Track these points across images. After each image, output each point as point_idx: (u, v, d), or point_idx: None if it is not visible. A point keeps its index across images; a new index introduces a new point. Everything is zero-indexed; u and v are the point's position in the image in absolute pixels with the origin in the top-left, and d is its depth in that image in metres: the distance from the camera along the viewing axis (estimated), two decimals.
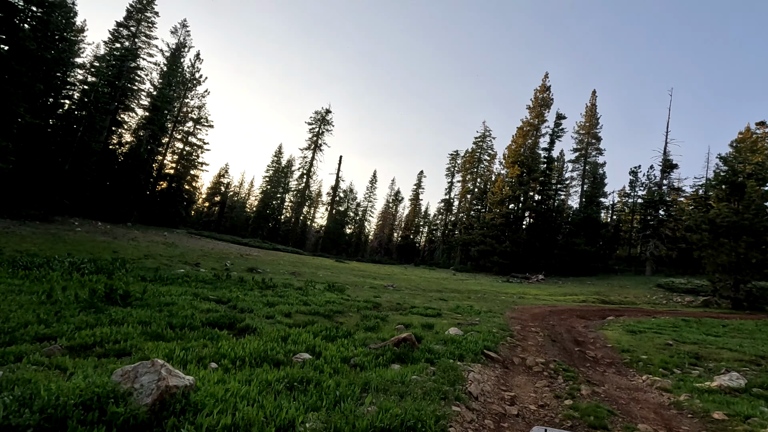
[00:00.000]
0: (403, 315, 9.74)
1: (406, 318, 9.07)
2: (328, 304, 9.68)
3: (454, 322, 8.97)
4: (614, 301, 30.30)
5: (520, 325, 9.96)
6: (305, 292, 11.20)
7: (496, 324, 9.39)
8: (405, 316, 9.66)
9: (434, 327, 7.83)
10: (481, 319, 9.81)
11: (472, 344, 5.95)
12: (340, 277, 26.01)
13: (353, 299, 11.32)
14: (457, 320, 9.50)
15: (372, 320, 7.78)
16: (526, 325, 10.10)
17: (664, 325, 15.68)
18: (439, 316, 10.16)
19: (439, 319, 9.49)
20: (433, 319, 9.30)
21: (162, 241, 30.49)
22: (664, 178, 46.43)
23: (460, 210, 73.63)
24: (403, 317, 9.25)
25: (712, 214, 26.60)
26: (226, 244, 42.20)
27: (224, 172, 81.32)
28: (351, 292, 14.74)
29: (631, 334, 10.69)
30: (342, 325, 7.34)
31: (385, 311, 10.02)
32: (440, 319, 9.51)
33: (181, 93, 47.74)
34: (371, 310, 9.55)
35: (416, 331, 6.65)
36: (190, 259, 23.64)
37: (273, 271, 24.67)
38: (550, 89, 58.29)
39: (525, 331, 9.24)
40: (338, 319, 7.89)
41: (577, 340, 9.04)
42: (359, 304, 10.27)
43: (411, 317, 9.22)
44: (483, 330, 7.87)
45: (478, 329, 8.00)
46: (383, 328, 7.35)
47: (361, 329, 6.94)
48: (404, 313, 10.01)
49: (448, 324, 8.64)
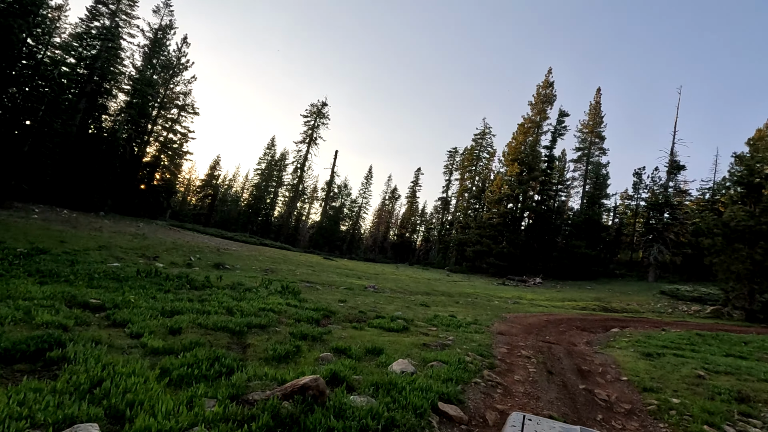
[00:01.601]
0: (357, 329, 7.53)
1: (355, 334, 6.86)
2: (261, 312, 7.49)
3: (417, 343, 6.76)
4: (616, 309, 28.12)
5: (508, 346, 7.74)
6: (241, 296, 8.98)
7: (475, 345, 7.17)
8: (359, 330, 7.45)
9: (383, 353, 5.61)
10: (457, 337, 7.59)
11: (419, 394, 3.77)
12: (320, 276, 23.85)
13: (304, 306, 9.11)
14: (425, 339, 7.29)
15: (294, 342, 5.57)
16: (515, 345, 7.88)
17: (678, 341, 13.51)
18: (405, 331, 7.94)
19: (401, 337, 7.27)
20: (392, 337, 7.09)
21: (131, 233, 28.26)
22: (670, 180, 44.20)
23: (457, 209, 71.40)
24: (353, 332, 7.05)
25: (727, 217, 24.39)
26: (208, 238, 39.99)
27: (216, 164, 79.17)
28: (313, 294, 12.53)
29: (647, 359, 8.48)
30: (247, 349, 5.13)
31: (333, 324, 7.82)
32: (403, 337, 7.29)
33: (166, 78, 45.42)
34: (312, 324, 7.33)
35: (343, 367, 4.44)
36: (152, 252, 21.44)
37: (244, 267, 22.48)
38: (553, 85, 56.06)
39: (513, 355, 7.03)
40: (251, 339, 5.69)
41: (581, 370, 6.82)
42: (305, 314, 8.07)
43: (362, 333, 7.00)
44: (452, 359, 5.66)
45: (446, 356, 5.79)
46: (304, 356, 5.15)
47: (265, 359, 4.74)
48: (360, 326, 7.79)
49: (408, 346, 6.44)
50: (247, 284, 11.75)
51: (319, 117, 73.46)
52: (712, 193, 47.33)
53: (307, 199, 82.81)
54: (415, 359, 5.60)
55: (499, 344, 7.72)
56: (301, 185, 73.90)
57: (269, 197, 72.67)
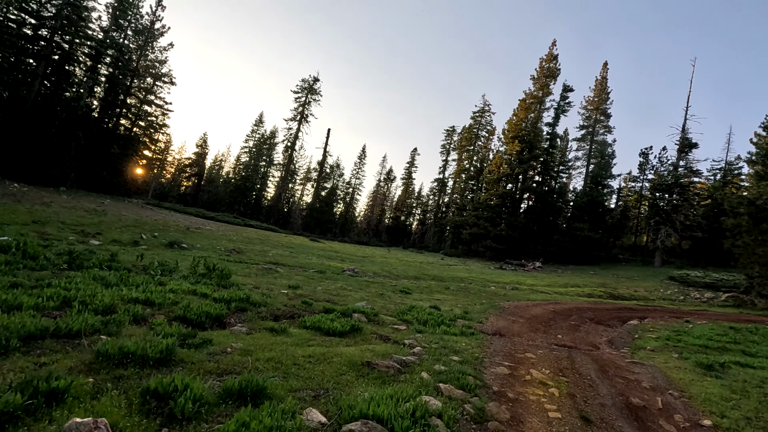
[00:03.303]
0: (273, 333, 4.79)
1: (259, 343, 4.16)
2: (122, 305, 4.75)
3: (356, 360, 4.01)
4: (625, 296, 25.65)
5: (509, 360, 5.01)
6: (124, 280, 6.19)
7: (456, 363, 4.45)
8: (275, 335, 4.71)
9: (263, 395, 2.88)
10: (431, 346, 4.85)
11: None
12: (296, 259, 21.18)
13: (216, 295, 6.33)
14: (378, 349, 4.54)
15: (74, 380, 2.80)
16: (520, 358, 5.15)
17: (715, 338, 10.94)
18: (352, 335, 5.20)
19: (338, 347, 4.54)
20: (321, 348, 4.35)
21: (89, 209, 25.37)
22: (681, 159, 41.27)
23: (454, 191, 68.46)
24: (260, 340, 4.34)
25: (753, 194, 21.63)
26: (184, 217, 37.13)
27: (203, 142, 75.56)
28: (261, 279, 9.80)
29: (708, 373, 5.82)
30: None
31: (240, 324, 5.09)
32: (342, 347, 4.55)
33: (140, 44, 41.75)
34: (193, 327, 4.58)
35: None
36: (99, 229, 18.62)
37: (205, 247, 19.71)
38: (557, 58, 52.45)
39: (518, 380, 4.30)
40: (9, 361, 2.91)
41: (632, 406, 4.10)
42: (203, 307, 5.31)
43: (274, 342, 4.27)
44: (401, 409, 2.91)
45: (395, 396, 3.05)
46: None
47: None
48: (283, 327, 5.05)
49: (334, 370, 3.70)
50: (171, 265, 8.97)
51: (310, 93, 69.78)
52: (723, 174, 44.55)
53: (300, 180, 79.65)
54: (326, 407, 2.88)
55: (495, 356, 5.00)
56: (291, 165, 70.71)
57: (258, 177, 69.41)
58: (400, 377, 3.67)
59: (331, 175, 78.78)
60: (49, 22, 33.21)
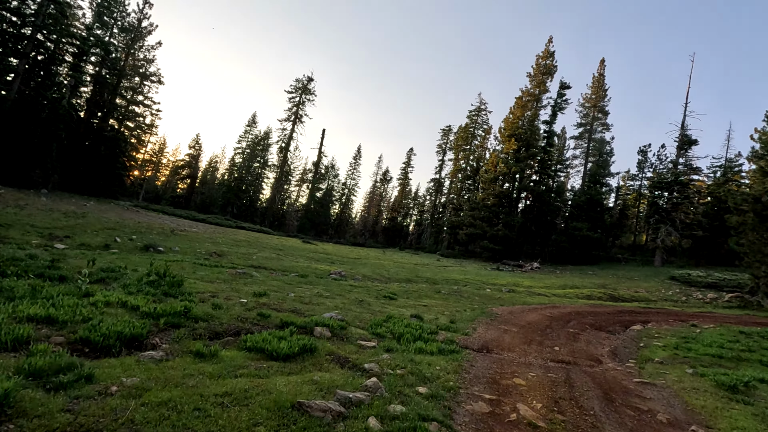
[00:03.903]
0: (198, 358, 3.84)
1: (165, 375, 3.18)
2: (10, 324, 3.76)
3: (284, 401, 3.04)
4: (625, 297, 24.74)
5: (493, 388, 4.05)
6: (33, 293, 5.23)
7: (422, 398, 3.50)
8: (198, 362, 3.76)
9: None
10: (395, 373, 3.90)
11: None
12: (282, 262, 20.29)
13: (144, 309, 5.34)
14: (325, 381, 3.59)
15: None
16: (506, 386, 4.20)
17: (727, 345, 10.03)
18: (302, 358, 4.24)
19: (275, 377, 3.59)
20: (248, 383, 3.38)
21: (68, 211, 24.36)
22: (680, 156, 40.43)
23: (450, 191, 67.52)
24: (170, 371, 3.38)
25: (757, 190, 20.76)
26: (171, 219, 36.11)
27: (195, 143, 74.45)
28: (229, 285, 8.85)
29: (732, 396, 4.90)
30: None
31: (166, 345, 4.14)
32: (279, 377, 3.60)
33: (127, 42, 40.75)
34: (83, 356, 3.62)
35: None
36: (68, 232, 17.65)
37: (186, 250, 18.74)
38: (553, 55, 51.63)
39: (499, 420, 3.34)
40: None
41: None
42: (116, 326, 4.34)
43: (187, 374, 3.32)
44: None
45: None
46: None
47: None
48: (213, 350, 4.08)
49: (245, 421, 2.76)
50: (121, 272, 8.00)
51: (304, 93, 68.79)
52: (723, 171, 43.73)
53: (296, 182, 78.52)
54: None
55: (475, 384, 4.04)
56: (286, 166, 69.67)
57: (252, 179, 68.32)
58: (337, 427, 2.71)
59: (327, 176, 77.82)
60: (30, 19, 32.22)
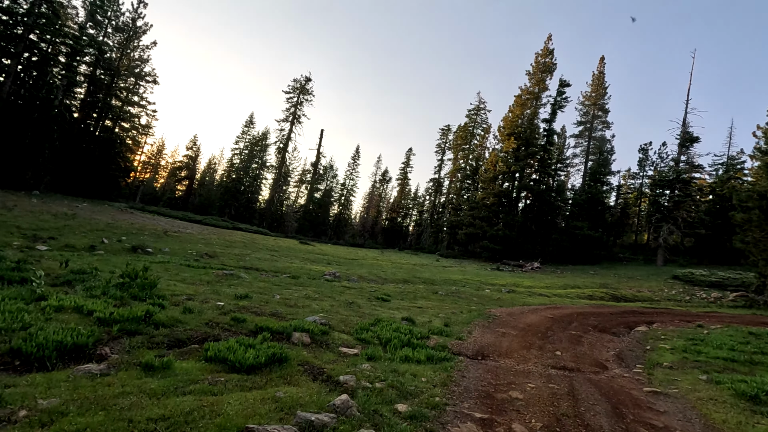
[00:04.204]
0: (144, 372, 3.33)
1: (86, 397, 2.65)
2: None
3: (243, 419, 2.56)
4: (628, 297, 24.23)
5: (486, 402, 3.53)
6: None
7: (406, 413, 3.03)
8: (142, 376, 3.24)
9: None
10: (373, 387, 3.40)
11: None
12: (275, 263, 19.80)
13: (100, 313, 4.83)
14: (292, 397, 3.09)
15: None
16: (500, 397, 3.70)
17: (738, 347, 9.52)
18: (269, 369, 3.72)
19: (229, 394, 3.07)
20: (194, 402, 2.87)
21: (58, 212, 23.86)
22: (682, 154, 39.90)
23: (450, 191, 67.02)
24: (92, 391, 2.83)
25: (762, 187, 20.24)
26: (166, 221, 35.61)
27: (193, 144, 73.98)
28: (213, 287, 8.35)
29: (754, 408, 4.43)
30: None
31: (113, 355, 3.63)
32: (233, 394, 3.09)
33: (121, 42, 40.30)
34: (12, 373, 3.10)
35: None
36: (54, 234, 17.16)
37: (176, 251, 18.24)
38: (553, 53, 51.15)
39: None
40: None
41: None
42: (56, 334, 3.83)
43: (101, 404, 2.79)
44: None
45: None
46: None
47: None
48: (166, 361, 3.57)
49: None
50: (93, 273, 7.50)
51: (302, 93, 68.37)
52: (726, 168, 43.19)
53: (294, 183, 77.98)
54: None
55: (465, 400, 3.53)
56: (284, 167, 69.22)
57: (250, 179, 67.82)
58: None
59: (325, 177, 77.36)
60: (22, 18, 31.78)
